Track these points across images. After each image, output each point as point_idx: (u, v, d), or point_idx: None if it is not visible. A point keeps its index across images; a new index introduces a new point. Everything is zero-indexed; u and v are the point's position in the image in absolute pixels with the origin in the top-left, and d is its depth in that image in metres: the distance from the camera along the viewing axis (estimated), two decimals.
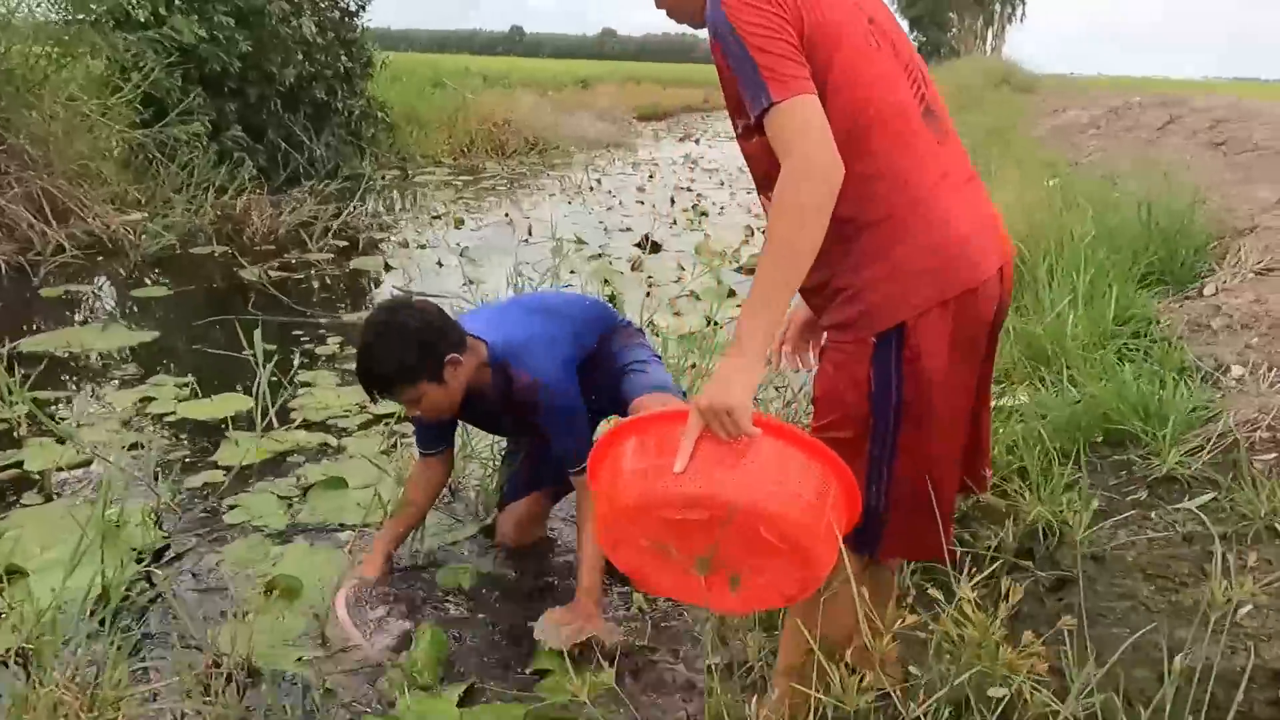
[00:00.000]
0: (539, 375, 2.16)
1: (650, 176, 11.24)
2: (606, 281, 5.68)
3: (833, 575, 1.43)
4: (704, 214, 8.51)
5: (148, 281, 5.50)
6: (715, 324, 4.75)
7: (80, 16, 6.87)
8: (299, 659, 2.11)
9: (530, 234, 7.22)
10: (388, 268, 6.06)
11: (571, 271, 5.92)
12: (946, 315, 1.45)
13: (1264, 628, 1.61)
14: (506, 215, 8.12)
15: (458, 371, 2.12)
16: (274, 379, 3.44)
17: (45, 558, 2.48)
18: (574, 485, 2.31)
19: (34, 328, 4.57)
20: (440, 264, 6.21)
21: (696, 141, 17.06)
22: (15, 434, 3.26)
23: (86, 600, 2.09)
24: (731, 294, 5.54)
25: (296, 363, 4.15)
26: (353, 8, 10.70)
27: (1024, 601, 1.96)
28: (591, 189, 10.06)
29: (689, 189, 10.24)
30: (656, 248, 6.88)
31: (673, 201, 9.17)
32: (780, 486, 1.38)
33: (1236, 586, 1.33)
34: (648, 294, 5.49)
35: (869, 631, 1.31)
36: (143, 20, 7.57)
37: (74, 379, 3.92)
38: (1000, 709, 1.34)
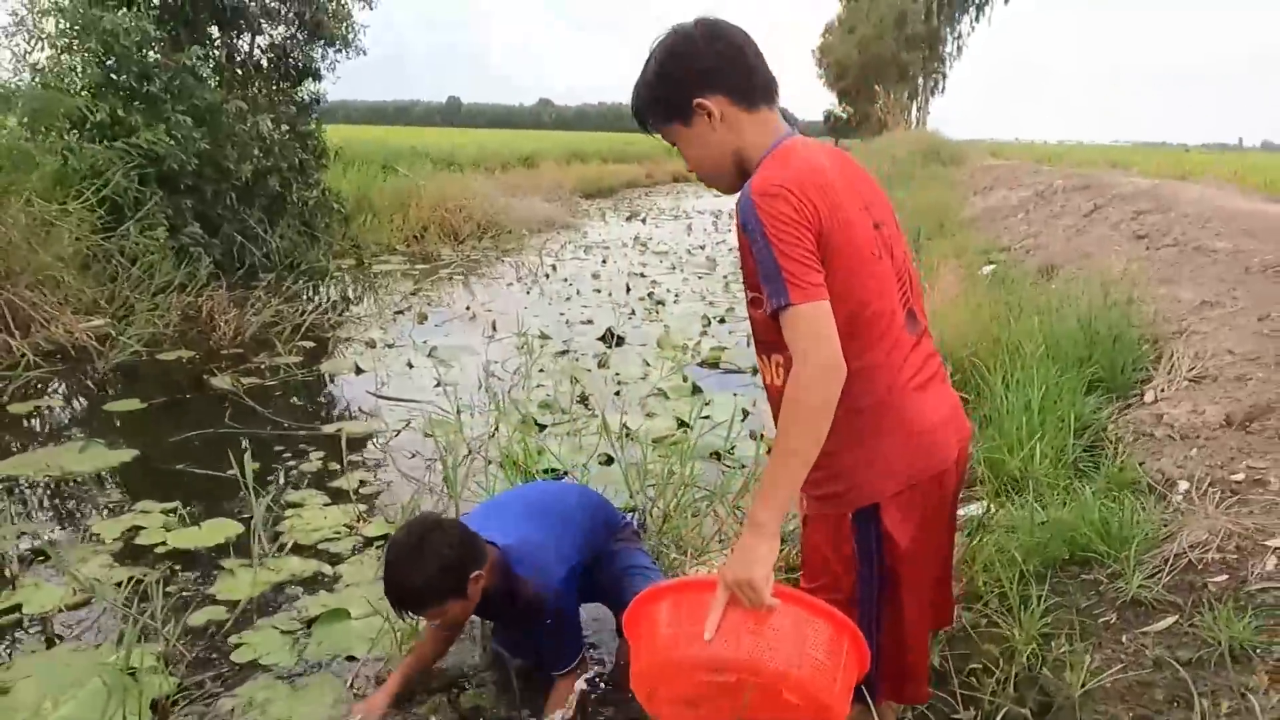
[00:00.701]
0: (542, 588, 2.29)
1: (604, 262, 11.50)
2: (575, 379, 5.83)
3: None
4: (660, 303, 8.75)
5: (112, 392, 5.49)
6: (687, 426, 4.93)
7: (43, 128, 6.92)
8: None
9: (495, 329, 7.36)
10: (358, 370, 6.12)
11: (541, 370, 6.07)
12: (916, 496, 1.68)
13: None
14: (468, 308, 8.25)
15: (479, 585, 2.25)
16: (258, 497, 3.52)
17: (60, 715, 2.50)
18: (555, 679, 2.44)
19: (8, 448, 4.55)
20: (410, 364, 6.31)
21: (644, 221, 17.46)
22: (6, 572, 3.26)
23: None
24: (697, 390, 5.74)
25: (282, 482, 4.19)
26: (307, 101, 10.90)
27: None
28: (547, 276, 10.26)
29: (642, 274, 10.51)
30: (620, 341, 7.08)
31: (628, 289, 9.41)
32: (800, 652, 1.55)
33: None
34: (617, 393, 5.67)
35: None
36: (98, 120, 7.65)
37: (58, 507, 3.91)
38: None
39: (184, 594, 3.18)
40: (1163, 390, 3.76)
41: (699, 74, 1.65)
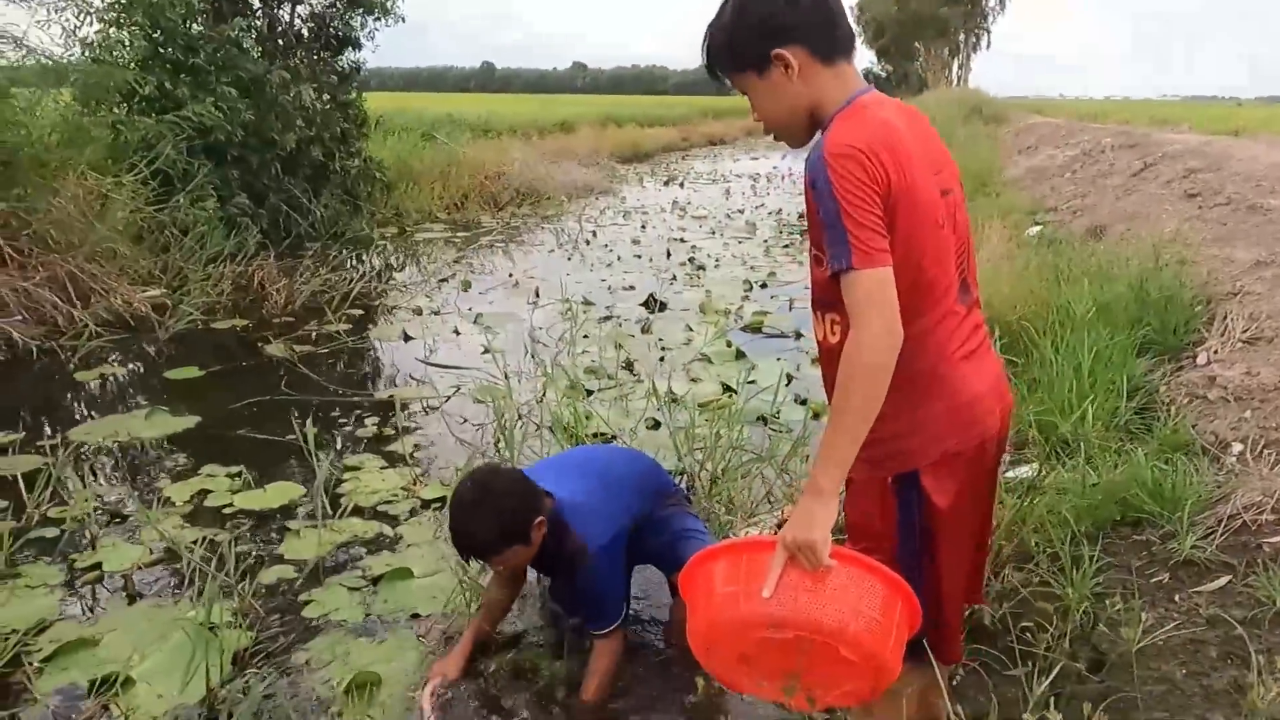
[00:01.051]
0: (587, 541, 2.35)
1: (643, 227, 11.51)
2: (619, 345, 5.90)
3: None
4: (701, 268, 8.77)
5: (171, 359, 5.65)
6: (733, 391, 4.98)
7: (95, 102, 7.07)
8: None
9: (538, 295, 7.44)
10: (406, 337, 6.24)
11: (585, 336, 6.14)
12: (958, 464, 1.70)
13: None
14: (511, 275, 8.34)
15: (541, 531, 2.31)
16: (320, 462, 3.64)
17: (146, 666, 2.64)
18: (594, 640, 2.49)
19: (78, 414, 4.73)
20: (457, 331, 6.42)
21: (681, 185, 17.38)
22: (87, 532, 3.41)
23: None
24: (741, 355, 5.78)
25: (340, 446, 4.32)
26: (348, 70, 10.96)
27: (1065, 681, 2.19)
28: (588, 242, 10.31)
29: (682, 239, 10.51)
30: (662, 306, 7.13)
31: (668, 254, 9.43)
32: (856, 610, 1.60)
33: (1272, 689, 1.55)
34: (661, 359, 5.73)
35: None
36: (146, 93, 7.79)
37: (129, 471, 4.07)
38: None
39: (254, 554, 3.32)
40: (1216, 352, 3.73)
41: (780, 23, 1.60)
